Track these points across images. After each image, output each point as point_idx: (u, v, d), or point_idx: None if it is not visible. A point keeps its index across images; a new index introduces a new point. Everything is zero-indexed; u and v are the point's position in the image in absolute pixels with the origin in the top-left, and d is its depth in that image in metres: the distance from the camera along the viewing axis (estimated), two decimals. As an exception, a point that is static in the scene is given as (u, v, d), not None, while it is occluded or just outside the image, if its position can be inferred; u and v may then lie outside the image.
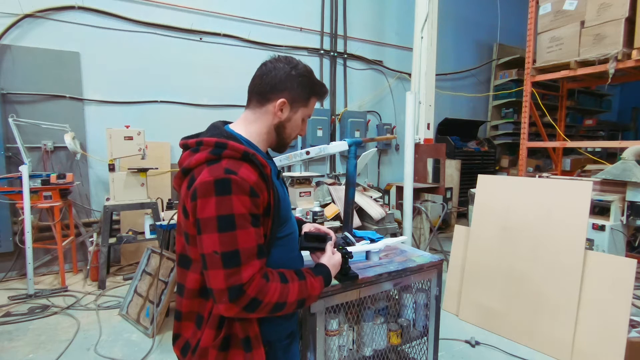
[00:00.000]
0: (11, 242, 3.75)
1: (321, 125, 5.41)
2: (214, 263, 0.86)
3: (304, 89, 1.06)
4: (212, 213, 0.85)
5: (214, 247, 0.86)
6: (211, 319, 0.96)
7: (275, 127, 1.07)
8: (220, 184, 0.86)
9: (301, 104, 1.08)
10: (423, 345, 1.74)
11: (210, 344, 0.95)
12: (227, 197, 0.86)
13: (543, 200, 2.73)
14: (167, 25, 4.54)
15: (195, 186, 0.89)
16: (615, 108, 9.86)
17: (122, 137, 3.61)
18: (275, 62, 1.05)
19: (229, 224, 0.85)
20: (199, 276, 0.97)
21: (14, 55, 3.81)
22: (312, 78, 1.08)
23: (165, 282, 2.86)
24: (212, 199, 0.85)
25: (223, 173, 0.87)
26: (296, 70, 1.04)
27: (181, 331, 1.03)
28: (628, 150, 3.71)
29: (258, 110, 1.06)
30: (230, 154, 0.92)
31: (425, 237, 4.30)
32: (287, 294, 0.94)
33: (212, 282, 0.87)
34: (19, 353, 2.53)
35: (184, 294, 1.00)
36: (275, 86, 1.03)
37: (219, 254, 0.86)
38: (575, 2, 4.13)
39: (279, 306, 0.93)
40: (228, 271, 0.85)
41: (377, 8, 6.14)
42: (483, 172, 4.31)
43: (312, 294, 1.02)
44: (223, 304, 0.87)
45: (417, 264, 1.60)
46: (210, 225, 0.86)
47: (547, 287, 2.61)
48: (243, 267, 0.86)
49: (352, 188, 1.84)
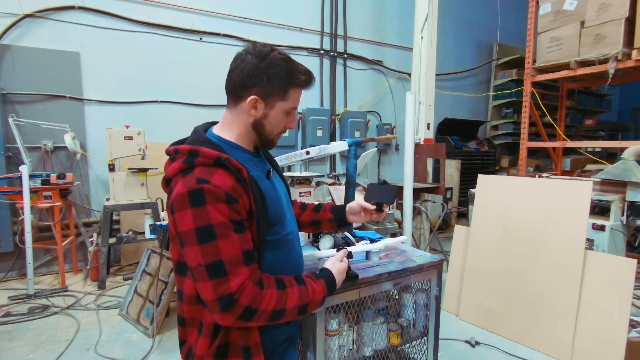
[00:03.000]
0: (11, 242, 3.75)
1: (321, 125, 5.41)
2: (200, 275, 0.85)
3: (278, 80, 0.95)
4: (190, 225, 0.84)
5: (197, 259, 0.84)
6: (205, 328, 0.94)
7: (252, 125, 1.00)
8: (194, 195, 0.84)
9: (277, 98, 0.97)
10: (423, 345, 1.74)
11: (205, 353, 0.93)
12: (202, 207, 0.83)
13: (543, 200, 2.73)
14: (167, 25, 4.54)
15: (171, 199, 0.87)
16: (615, 108, 9.86)
17: (122, 137, 3.61)
18: (245, 54, 0.95)
19: (208, 234, 0.83)
20: (193, 282, 0.96)
21: (14, 55, 3.81)
22: (287, 67, 0.96)
23: (165, 282, 2.85)
24: (188, 212, 0.84)
25: (195, 183, 0.84)
26: (264, 61, 0.93)
27: (186, 337, 1.02)
28: (628, 150, 3.71)
29: (234, 110, 1.00)
30: (202, 162, 0.88)
31: (425, 237, 4.30)
32: (286, 300, 0.92)
33: (202, 293, 0.86)
34: (19, 353, 2.53)
35: (184, 300, 0.99)
36: (244, 82, 0.94)
37: (203, 265, 0.84)
38: (575, 2, 4.13)
39: (277, 313, 0.91)
40: (215, 282, 0.84)
41: (377, 8, 6.14)
42: (483, 172, 4.31)
43: (314, 299, 0.98)
44: (217, 314, 0.86)
45: (417, 264, 1.60)
46: (190, 238, 0.84)
47: (547, 287, 2.60)
48: (230, 277, 0.84)
49: (352, 188, 1.84)
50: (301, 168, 5.52)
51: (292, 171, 5.17)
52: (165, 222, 3.00)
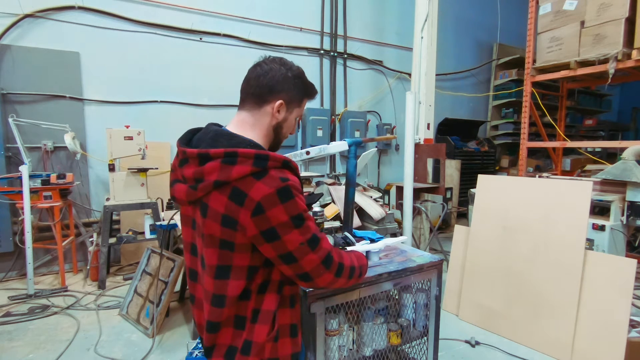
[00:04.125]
0: (11, 242, 3.75)
1: (321, 125, 5.41)
2: (303, 252, 0.97)
3: (299, 90, 1.10)
4: (285, 218, 0.94)
5: (298, 240, 0.96)
6: (262, 315, 1.01)
7: (273, 128, 1.10)
8: (283, 192, 0.93)
9: (296, 105, 1.12)
10: (423, 345, 1.74)
11: (265, 339, 1.01)
12: (292, 200, 0.95)
13: (543, 200, 2.73)
14: (167, 25, 4.54)
15: (256, 201, 0.91)
16: (615, 108, 9.86)
17: (122, 137, 3.61)
18: (270, 63, 1.07)
19: (300, 219, 0.96)
20: (243, 281, 0.99)
21: (14, 55, 3.81)
22: (304, 79, 1.13)
23: (165, 282, 2.85)
24: (280, 207, 0.93)
25: (281, 182, 0.93)
26: (292, 72, 1.08)
27: (217, 341, 1.03)
28: (628, 150, 3.71)
29: (256, 113, 1.07)
30: (273, 165, 0.96)
31: (425, 237, 4.30)
32: (352, 259, 1.14)
33: (306, 266, 0.99)
34: (19, 353, 2.53)
35: (226, 303, 0.99)
36: (273, 87, 1.05)
37: (304, 243, 0.97)
38: (575, 2, 4.13)
39: (352, 270, 1.12)
40: (315, 250, 0.99)
41: (377, 8, 6.14)
42: (483, 172, 4.31)
43: (362, 263, 1.19)
44: (319, 276, 1.02)
45: (417, 264, 1.60)
46: (287, 227, 0.95)
47: (547, 287, 2.60)
48: (322, 242, 1.02)
49: (352, 188, 1.84)
50: (301, 168, 5.52)
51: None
52: (165, 222, 2.99)
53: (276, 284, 1.03)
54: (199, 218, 1.00)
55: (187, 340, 2.63)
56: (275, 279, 1.03)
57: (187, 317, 3.03)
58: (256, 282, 1.00)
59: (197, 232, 1.04)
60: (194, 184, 0.97)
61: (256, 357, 1.00)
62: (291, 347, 1.07)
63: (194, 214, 1.02)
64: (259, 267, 1.00)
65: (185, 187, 0.99)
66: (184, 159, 1.00)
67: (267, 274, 1.02)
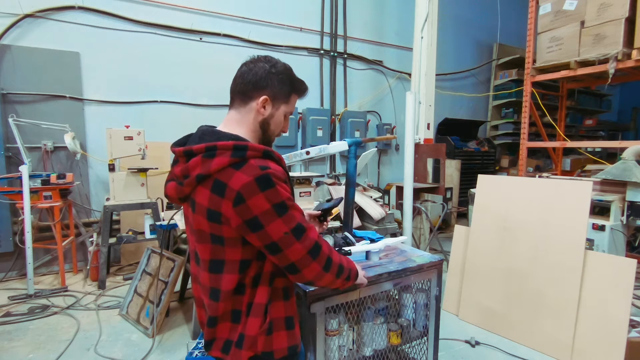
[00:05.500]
0: (11, 242, 3.75)
1: (321, 125, 5.41)
2: (288, 241, 0.96)
3: (284, 86, 1.10)
4: (266, 206, 0.93)
5: (282, 230, 0.95)
6: (254, 309, 1.01)
7: (260, 124, 1.10)
8: (262, 180, 0.92)
9: (282, 101, 1.11)
10: (423, 345, 1.74)
11: (257, 332, 1.01)
12: (273, 188, 0.93)
13: (543, 201, 2.72)
14: (167, 25, 4.54)
15: (236, 190, 0.91)
16: (615, 108, 9.87)
17: (122, 137, 3.61)
18: (255, 61, 1.09)
19: (283, 207, 0.95)
20: (236, 275, 1.00)
21: (14, 55, 3.81)
22: (291, 75, 1.12)
23: (165, 282, 2.85)
24: (260, 195, 0.92)
25: (260, 170, 0.93)
26: (275, 68, 1.08)
27: (216, 335, 1.05)
28: (628, 150, 3.71)
29: (242, 109, 1.09)
30: (253, 154, 0.96)
31: (425, 237, 4.30)
32: (342, 259, 1.12)
33: (291, 256, 0.97)
34: (19, 353, 2.53)
35: (220, 297, 1.01)
36: (257, 84, 1.06)
37: (289, 232, 0.95)
38: (575, 2, 4.12)
39: (341, 268, 1.09)
40: (301, 240, 0.97)
41: (377, 8, 6.14)
42: (483, 172, 4.31)
43: (352, 267, 1.17)
44: (306, 267, 1.00)
45: (417, 264, 1.60)
46: (270, 215, 0.93)
47: (547, 287, 2.60)
48: (308, 232, 1.00)
49: (352, 188, 1.84)
50: (301, 168, 5.52)
51: (292, 171, 5.17)
52: (165, 222, 2.99)
53: (267, 277, 1.03)
54: (190, 215, 1.03)
55: (187, 340, 2.63)
56: (267, 271, 1.03)
57: (187, 317, 3.03)
58: (249, 276, 1.01)
59: (189, 228, 1.07)
60: (182, 180, 1.00)
61: (249, 350, 1.01)
62: (287, 340, 1.06)
63: (188, 212, 1.05)
64: (251, 261, 1.00)
65: (174, 184, 1.03)
66: (176, 158, 1.06)
67: (259, 267, 1.02)
